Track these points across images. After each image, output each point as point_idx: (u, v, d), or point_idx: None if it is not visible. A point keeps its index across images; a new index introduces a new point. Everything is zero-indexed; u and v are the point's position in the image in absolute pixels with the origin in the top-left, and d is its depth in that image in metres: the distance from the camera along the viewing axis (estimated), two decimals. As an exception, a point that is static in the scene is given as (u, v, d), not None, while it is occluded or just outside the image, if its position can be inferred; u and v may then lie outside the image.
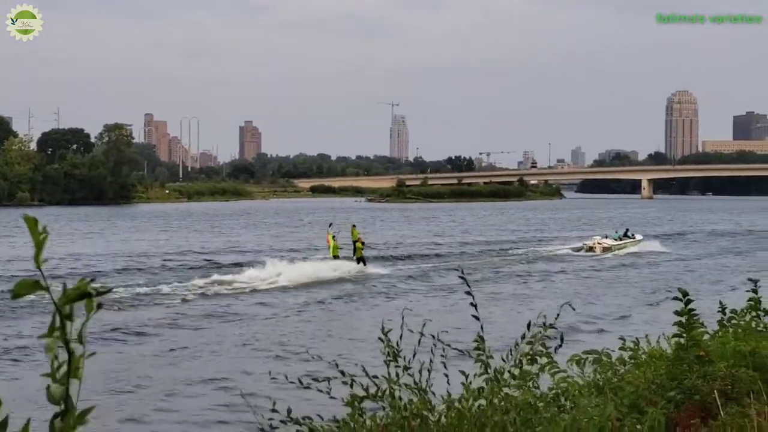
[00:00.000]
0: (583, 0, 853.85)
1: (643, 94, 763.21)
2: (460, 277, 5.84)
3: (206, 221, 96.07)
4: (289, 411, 5.48)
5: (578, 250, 55.68)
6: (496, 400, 5.34)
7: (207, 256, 52.31)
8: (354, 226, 47.44)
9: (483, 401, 5.27)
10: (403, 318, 5.40)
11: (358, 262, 43.78)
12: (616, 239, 58.04)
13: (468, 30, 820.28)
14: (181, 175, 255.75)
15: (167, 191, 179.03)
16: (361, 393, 5.29)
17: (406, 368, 5.34)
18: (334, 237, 45.13)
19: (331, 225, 47.47)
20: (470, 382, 5.36)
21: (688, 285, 38.16)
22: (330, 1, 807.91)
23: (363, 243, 44.90)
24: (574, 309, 5.77)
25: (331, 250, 44.97)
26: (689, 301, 7.64)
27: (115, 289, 33.86)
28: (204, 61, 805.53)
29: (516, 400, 5.41)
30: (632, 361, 8.92)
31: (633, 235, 61.02)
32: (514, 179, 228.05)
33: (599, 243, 55.71)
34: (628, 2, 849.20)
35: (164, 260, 48.89)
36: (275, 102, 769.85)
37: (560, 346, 5.67)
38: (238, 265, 43.83)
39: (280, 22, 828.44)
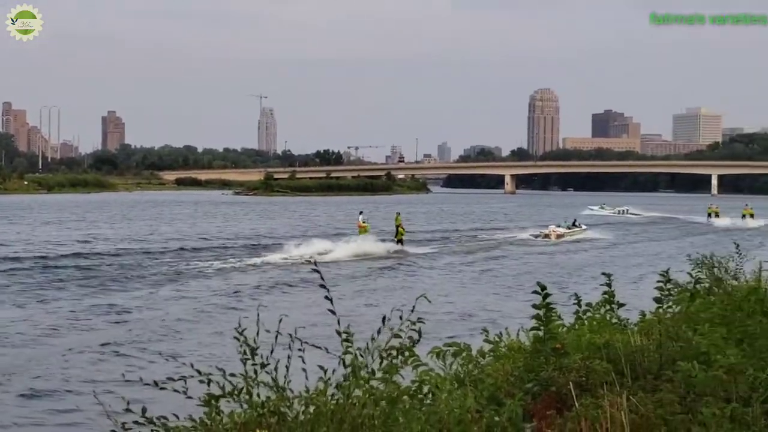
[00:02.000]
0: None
1: (507, 92, 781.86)
2: (314, 270, 5.80)
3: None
4: (144, 410, 5.30)
5: (537, 236, 63.94)
6: (360, 392, 5.30)
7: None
8: (398, 213, 54.58)
9: (341, 396, 5.24)
10: (258, 315, 5.32)
11: (397, 243, 50.30)
12: (567, 228, 67.01)
13: (338, 25, 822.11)
14: (40, 166, 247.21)
15: (26, 182, 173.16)
16: (218, 392, 5.18)
17: (263, 365, 5.26)
18: (364, 222, 53.47)
19: (361, 213, 56.74)
20: (329, 378, 5.32)
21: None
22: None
23: (404, 229, 51.74)
24: (429, 301, 5.76)
25: (360, 233, 51.89)
26: (547, 295, 7.82)
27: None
28: (65, 48, 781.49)
29: (378, 394, 5.39)
30: (492, 353, 9.07)
31: (580, 224, 70.91)
32: (382, 173, 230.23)
33: (554, 231, 64.17)
34: (490, 1, 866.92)
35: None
36: (139, 92, 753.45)
37: (419, 340, 5.68)
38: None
39: (146, 10, 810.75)
